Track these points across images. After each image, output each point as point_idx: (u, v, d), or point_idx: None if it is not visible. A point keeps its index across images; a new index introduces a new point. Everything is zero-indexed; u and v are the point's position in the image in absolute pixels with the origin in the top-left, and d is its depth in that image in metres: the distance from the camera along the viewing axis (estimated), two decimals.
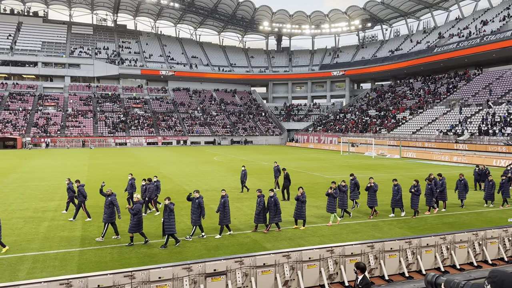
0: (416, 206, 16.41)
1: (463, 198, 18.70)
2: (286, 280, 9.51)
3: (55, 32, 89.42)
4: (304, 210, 14.70)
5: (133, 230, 12.58)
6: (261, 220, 14.27)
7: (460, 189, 18.63)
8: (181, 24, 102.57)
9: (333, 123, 75.21)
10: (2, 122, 66.43)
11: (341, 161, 42.07)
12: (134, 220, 12.55)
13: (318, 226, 15.21)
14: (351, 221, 15.92)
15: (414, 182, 16.54)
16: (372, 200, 16.45)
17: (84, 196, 16.29)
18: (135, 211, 12.52)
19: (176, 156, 48.40)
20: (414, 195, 16.28)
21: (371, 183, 16.47)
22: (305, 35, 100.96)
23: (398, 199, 16.41)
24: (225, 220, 13.75)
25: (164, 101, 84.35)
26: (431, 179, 17.62)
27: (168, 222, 12.37)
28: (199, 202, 13.40)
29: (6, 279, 9.83)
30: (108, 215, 13.37)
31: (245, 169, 22.31)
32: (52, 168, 34.50)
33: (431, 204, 17.24)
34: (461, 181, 18.56)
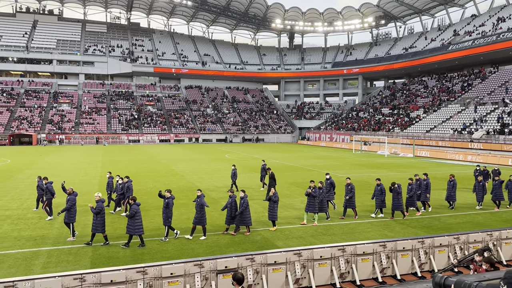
0: (400, 208, 15.70)
1: (453, 199, 17.87)
2: (297, 278, 9.50)
3: (70, 30, 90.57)
4: (276, 210, 14.15)
5: (97, 230, 12.25)
6: (233, 221, 13.68)
7: (449, 190, 17.91)
8: (194, 22, 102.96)
9: (345, 121, 74.74)
10: (18, 119, 67.59)
11: (353, 160, 41.79)
12: (98, 219, 12.19)
13: (329, 225, 15.16)
14: (363, 220, 15.82)
15: (395, 184, 15.81)
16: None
17: (52, 194, 15.93)
18: (97, 210, 12.17)
19: (188, 153, 48.67)
20: (396, 195, 15.59)
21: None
22: (317, 33, 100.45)
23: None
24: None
25: (177, 99, 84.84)
26: (417, 179, 17.32)
27: (132, 224, 11.98)
28: (167, 203, 12.94)
29: (21, 273, 10.02)
30: (68, 215, 13.01)
31: (235, 168, 22.04)
32: (66, 164, 34.99)
33: (413, 205, 16.65)
34: (450, 181, 17.85)
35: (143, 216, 15.87)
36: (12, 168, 31.67)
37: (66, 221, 13.09)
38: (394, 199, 15.67)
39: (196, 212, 13.09)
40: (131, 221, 12.06)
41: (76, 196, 13.43)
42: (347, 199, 15.88)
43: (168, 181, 25.45)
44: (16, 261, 10.99)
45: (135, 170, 31.23)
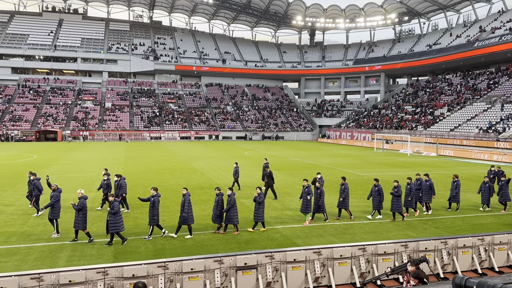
0: (399, 209, 15.25)
1: (456, 201, 17.18)
2: (316, 276, 9.47)
3: (94, 29, 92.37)
4: (261, 211, 13.72)
5: (78, 226, 12.21)
6: (219, 220, 13.46)
7: (452, 191, 17.20)
8: (215, 20, 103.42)
9: (367, 119, 73.81)
10: (44, 116, 69.45)
11: (374, 158, 41.27)
12: (79, 216, 12.18)
13: (350, 223, 15.03)
14: (385, 220, 15.61)
15: (395, 183, 15.29)
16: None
17: (39, 190, 15.94)
18: (79, 207, 12.16)
19: (208, 150, 49.03)
20: (395, 197, 15.16)
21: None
22: (339, 29, 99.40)
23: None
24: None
25: (197, 96, 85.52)
26: (417, 178, 16.85)
27: (114, 220, 11.87)
28: (153, 201, 12.76)
29: (47, 266, 10.32)
30: (52, 211, 13.05)
31: (237, 166, 21.76)
32: (90, 160, 35.77)
33: (411, 205, 16.12)
34: (454, 182, 17.09)
35: (163, 212, 16.13)
36: (38, 164, 32.59)
37: (50, 217, 13.04)
38: (393, 200, 15.19)
39: (181, 211, 12.79)
40: (114, 218, 11.85)
41: (60, 193, 13.41)
42: (340, 201, 15.45)
43: (188, 178, 25.72)
44: (42, 253, 11.33)
45: (156, 166, 31.68)
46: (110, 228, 11.90)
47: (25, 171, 28.10)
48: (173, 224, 14.37)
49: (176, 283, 8.60)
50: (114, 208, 11.86)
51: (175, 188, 21.77)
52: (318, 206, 15.02)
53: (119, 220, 11.97)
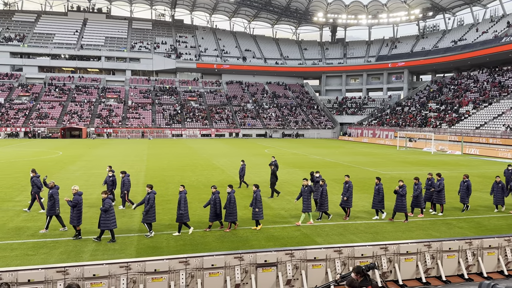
0: (403, 209, 14.78)
1: (464, 202, 16.58)
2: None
3: (117, 28, 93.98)
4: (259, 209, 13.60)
5: (73, 222, 12.35)
6: (216, 218, 13.40)
7: (462, 192, 16.58)
8: (236, 17, 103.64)
9: (390, 117, 72.67)
10: (69, 113, 71.16)
11: (397, 156, 40.63)
12: (74, 212, 12.27)
13: (372, 223, 14.86)
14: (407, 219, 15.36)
15: (400, 182, 14.88)
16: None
17: (38, 187, 16.09)
18: (74, 203, 12.26)
19: (228, 148, 49.26)
20: (399, 196, 14.70)
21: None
22: (361, 26, 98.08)
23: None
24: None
25: (218, 94, 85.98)
26: (429, 178, 16.34)
27: (105, 218, 11.95)
28: (148, 198, 12.71)
29: (72, 260, 10.60)
30: (49, 208, 13.11)
31: (243, 164, 21.62)
32: (114, 157, 36.47)
33: (420, 206, 15.63)
34: (464, 182, 16.47)
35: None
36: (63, 160, 33.44)
37: (47, 213, 13.19)
38: (397, 200, 14.78)
39: (177, 209, 12.78)
40: (105, 215, 11.92)
41: (58, 189, 13.51)
42: (344, 200, 15.15)
43: (209, 175, 25.91)
44: (67, 248, 11.64)
45: (178, 163, 32.05)
46: (101, 225, 12.01)
47: (52, 167, 28.89)
48: (196, 220, 14.51)
49: (197, 279, 8.69)
50: (105, 205, 11.94)
51: (195, 185, 21.98)
52: (321, 205, 14.85)
53: (110, 217, 12.00)
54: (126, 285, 8.29)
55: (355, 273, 6.04)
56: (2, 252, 11.15)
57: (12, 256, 10.88)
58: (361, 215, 15.74)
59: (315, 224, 14.42)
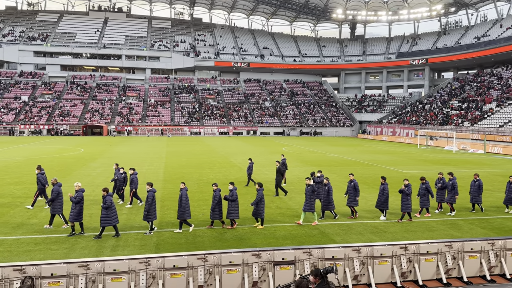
0: (408, 209, 14.48)
1: (478, 201, 16.03)
2: (355, 274, 9.34)
3: (137, 27, 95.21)
4: (261, 207, 13.51)
5: (74, 219, 12.41)
6: (216, 216, 13.32)
7: (473, 191, 16.07)
8: (254, 15, 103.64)
9: (410, 115, 71.51)
10: (90, 111, 72.52)
11: (418, 155, 39.97)
12: (76, 209, 12.37)
13: (391, 222, 14.67)
14: (427, 219, 15.12)
15: (405, 181, 14.53)
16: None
17: (43, 184, 16.18)
18: (77, 200, 12.34)
19: (246, 145, 49.36)
20: (404, 196, 14.41)
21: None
22: (381, 22, 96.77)
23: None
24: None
25: (236, 92, 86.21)
26: (440, 178, 15.92)
27: (105, 215, 12.10)
28: (147, 196, 12.73)
29: (93, 255, 10.82)
30: (53, 206, 13.32)
31: (251, 162, 21.45)
32: (134, 154, 37.00)
33: (425, 205, 15.28)
34: (475, 182, 15.96)
35: (203, 206, 16.44)
36: (85, 157, 34.11)
37: (51, 212, 13.34)
38: (403, 199, 14.50)
39: (178, 206, 12.76)
40: (106, 212, 12.04)
41: (60, 187, 13.61)
42: (356, 199, 14.93)
43: (227, 173, 26.03)
44: (88, 243, 11.88)
45: (196, 161, 32.30)
46: (101, 222, 12.16)
47: (74, 164, 29.53)
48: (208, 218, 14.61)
49: (215, 275, 8.76)
50: (106, 203, 12.09)
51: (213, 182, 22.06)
52: (327, 204, 14.64)
53: (111, 214, 12.15)
54: (145, 280, 8.42)
55: (313, 275, 5.94)
56: (26, 247, 11.46)
57: (36, 250, 11.18)
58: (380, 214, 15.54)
59: (333, 223, 14.33)
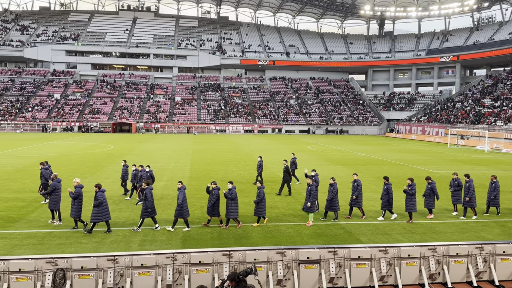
0: (412, 209, 14.10)
1: (496, 205, 15.39)
2: (382, 275, 9.19)
3: (165, 26, 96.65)
4: (262, 206, 13.43)
5: (73, 214, 12.62)
6: (215, 213, 13.24)
7: (489, 194, 15.38)
8: (280, 13, 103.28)
9: (440, 113, 69.63)
10: (120, 109, 74.19)
11: (448, 155, 38.91)
12: (75, 204, 12.52)
13: (419, 223, 14.36)
14: (457, 220, 14.71)
15: (408, 181, 14.26)
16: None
17: (46, 179, 16.31)
18: (75, 195, 12.46)
19: (271, 143, 49.33)
20: (408, 196, 14.10)
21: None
22: (410, 18, 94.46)
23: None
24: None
25: (261, 90, 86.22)
26: (455, 178, 15.31)
27: (96, 211, 12.24)
28: (145, 194, 12.70)
29: (121, 249, 11.09)
30: (51, 201, 13.48)
31: (261, 160, 21.19)
32: (161, 151, 37.65)
33: (430, 207, 14.76)
34: (492, 184, 15.27)
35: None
36: (114, 154, 34.96)
37: (50, 207, 13.50)
38: (407, 200, 14.20)
39: (177, 204, 12.71)
40: (97, 208, 12.19)
41: (59, 182, 13.74)
42: (353, 199, 14.61)
43: (252, 170, 26.09)
44: (117, 237, 12.18)
45: (222, 158, 32.54)
46: (92, 218, 12.34)
47: (104, 160, 30.30)
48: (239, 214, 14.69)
49: None
50: (98, 199, 12.25)
51: (239, 180, 22.20)
52: (330, 204, 14.31)
53: (102, 210, 12.31)
54: (172, 275, 8.55)
55: (229, 280, 5.86)
56: (58, 240, 11.86)
57: (67, 243, 11.55)
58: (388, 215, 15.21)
59: (359, 223, 14.15)
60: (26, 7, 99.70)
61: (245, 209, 15.64)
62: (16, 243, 11.49)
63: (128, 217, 14.52)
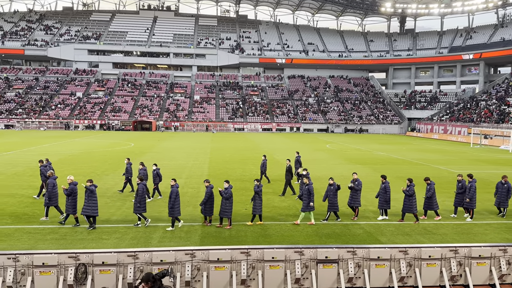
0: (412, 210, 13.78)
1: (504, 206, 14.88)
2: (402, 276, 9.08)
3: (185, 25, 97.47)
4: (259, 203, 13.24)
5: (68, 211, 12.82)
6: (208, 212, 13.13)
7: (502, 195, 14.85)
8: (299, 11, 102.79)
9: (463, 112, 68.11)
10: (140, 107, 75.24)
11: (470, 155, 38.05)
12: (69, 201, 12.69)
13: (440, 223, 14.10)
14: (480, 221, 14.38)
15: (407, 181, 13.98)
16: (353, 199, 14.34)
17: (46, 176, 16.24)
18: (68, 192, 12.61)
19: (289, 142, 49.19)
20: (407, 196, 13.76)
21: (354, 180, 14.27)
22: (432, 15, 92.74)
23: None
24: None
25: (279, 89, 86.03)
26: (460, 180, 14.84)
27: (86, 204, 12.46)
28: (137, 190, 13.01)
29: (141, 245, 11.26)
30: (47, 198, 13.60)
31: (265, 159, 21.10)
32: (180, 149, 38.01)
33: (432, 208, 14.33)
34: (504, 184, 14.77)
35: (245, 201, 16.59)
36: (135, 151, 35.48)
37: (46, 204, 13.61)
38: (405, 200, 13.91)
39: (169, 202, 12.72)
40: (87, 202, 12.42)
41: (55, 179, 13.89)
42: (352, 197, 14.38)
43: (269, 169, 26.02)
44: (137, 234, 12.37)
45: (240, 157, 32.63)
46: (82, 211, 12.58)
47: (124, 158, 30.74)
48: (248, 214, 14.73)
49: (257, 270, 8.83)
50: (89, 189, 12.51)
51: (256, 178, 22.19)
52: (332, 204, 14.04)
53: (91, 204, 12.49)
54: (190, 272, 8.64)
55: (144, 281, 5.76)
56: (80, 235, 12.13)
57: (88, 239, 11.79)
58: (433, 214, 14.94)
59: (379, 223, 13.98)
60: (50, 7, 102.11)
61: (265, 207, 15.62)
62: (39, 238, 11.80)
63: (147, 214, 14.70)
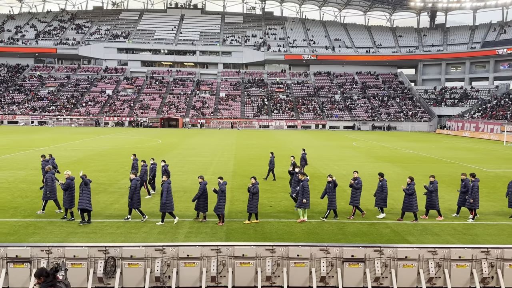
0: (412, 209, 13.43)
1: None
2: (430, 277, 8.88)
3: (211, 23, 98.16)
4: (254, 202, 13.04)
5: (65, 205, 13.03)
6: (201, 208, 13.12)
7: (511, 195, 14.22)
8: (326, 7, 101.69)
9: (496, 109, 65.77)
10: (167, 105, 76.41)
11: (503, 153, 36.74)
12: (66, 195, 12.91)
13: (472, 224, 13.70)
14: (507, 222, 13.89)
15: (408, 179, 13.68)
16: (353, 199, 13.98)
17: (47, 172, 16.63)
18: (65, 187, 12.84)
19: (314, 139, 48.83)
20: (407, 195, 13.42)
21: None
22: (464, 9, 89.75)
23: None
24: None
25: (305, 85, 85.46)
26: (463, 179, 14.28)
27: (81, 198, 12.57)
28: (131, 186, 13.10)
29: (168, 240, 11.46)
30: (45, 192, 13.89)
31: (272, 156, 21.02)
32: (206, 146, 38.41)
33: (434, 207, 13.82)
34: None
35: (271, 198, 16.59)
36: (163, 148, 36.09)
37: (44, 198, 13.91)
38: (405, 199, 13.58)
39: (161, 198, 12.73)
40: (82, 196, 12.57)
41: (54, 174, 14.18)
42: (352, 196, 14.07)
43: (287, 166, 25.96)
44: (164, 229, 12.59)
45: (265, 154, 32.63)
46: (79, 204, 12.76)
47: (151, 154, 31.34)
48: (282, 210, 14.74)
49: (282, 267, 8.84)
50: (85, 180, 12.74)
51: (281, 176, 22.21)
52: (331, 202, 13.80)
53: (84, 198, 12.68)
54: (216, 267, 8.73)
55: (36, 277, 5.59)
56: (109, 229, 12.45)
57: (117, 233, 12.10)
58: (464, 214, 14.53)
59: (407, 222, 13.70)
60: (81, 7, 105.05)
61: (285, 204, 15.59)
62: (71, 231, 12.19)
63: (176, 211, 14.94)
